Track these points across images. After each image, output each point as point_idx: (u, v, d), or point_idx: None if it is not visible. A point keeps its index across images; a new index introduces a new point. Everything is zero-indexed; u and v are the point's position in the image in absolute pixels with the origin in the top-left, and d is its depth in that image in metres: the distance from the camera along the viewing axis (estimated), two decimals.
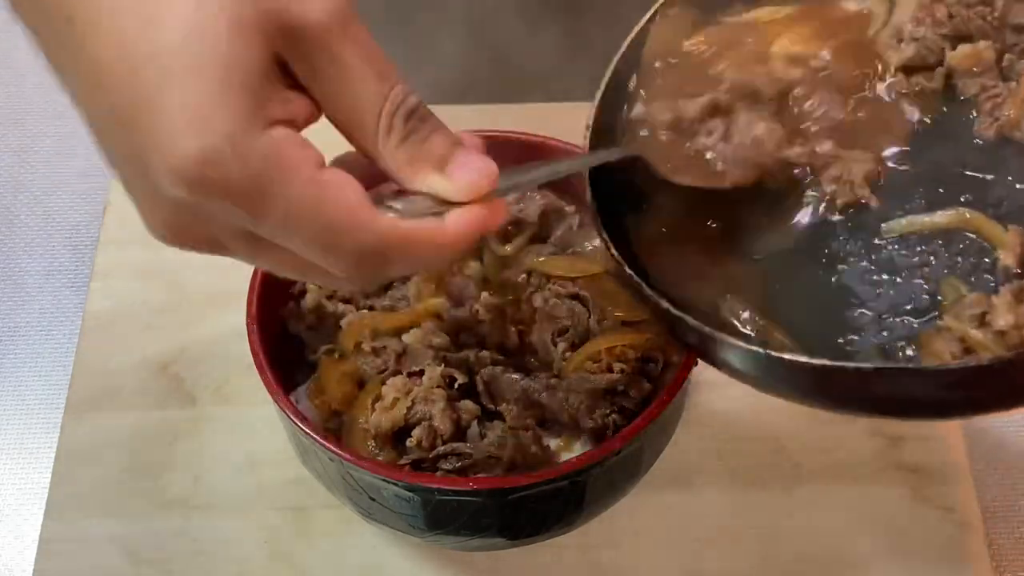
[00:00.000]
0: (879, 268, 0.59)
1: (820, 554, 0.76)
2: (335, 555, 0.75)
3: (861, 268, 0.59)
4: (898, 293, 0.58)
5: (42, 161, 1.01)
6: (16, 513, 0.81)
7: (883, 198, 0.61)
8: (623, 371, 0.67)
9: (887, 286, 0.59)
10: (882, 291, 0.58)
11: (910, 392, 0.53)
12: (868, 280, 0.59)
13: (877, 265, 0.59)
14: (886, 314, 0.58)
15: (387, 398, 0.67)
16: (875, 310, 0.58)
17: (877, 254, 0.60)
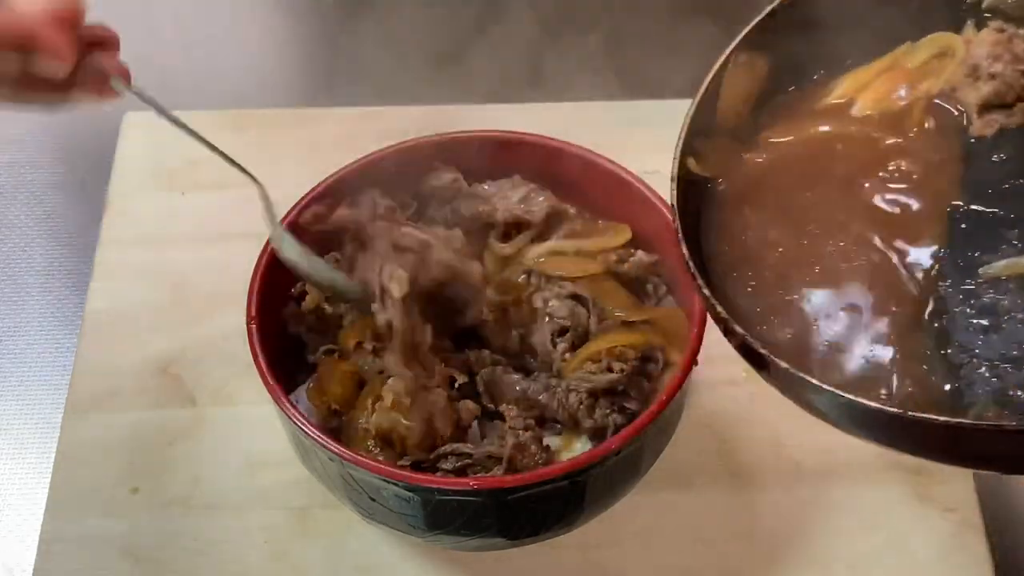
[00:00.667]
0: (980, 314, 0.58)
1: (820, 554, 0.76)
2: (335, 555, 0.75)
3: (961, 314, 0.58)
4: (1005, 339, 0.56)
5: (42, 161, 1.01)
6: (16, 513, 0.81)
7: (976, 241, 0.60)
8: (623, 371, 0.67)
9: (991, 332, 0.57)
10: (986, 337, 0.57)
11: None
12: (971, 326, 0.57)
13: (978, 311, 0.58)
14: (996, 361, 0.56)
15: (387, 398, 0.67)
16: (983, 357, 0.56)
17: (976, 299, 0.58)
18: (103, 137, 1.00)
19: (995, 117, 0.63)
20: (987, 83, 0.63)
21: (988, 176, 0.62)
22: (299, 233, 0.70)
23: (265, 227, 0.70)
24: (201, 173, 0.95)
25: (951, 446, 0.53)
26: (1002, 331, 0.57)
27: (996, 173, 0.62)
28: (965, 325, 0.57)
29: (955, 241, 0.60)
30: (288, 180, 0.77)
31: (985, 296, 0.58)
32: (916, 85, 0.65)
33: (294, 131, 0.98)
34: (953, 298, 0.58)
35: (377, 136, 0.79)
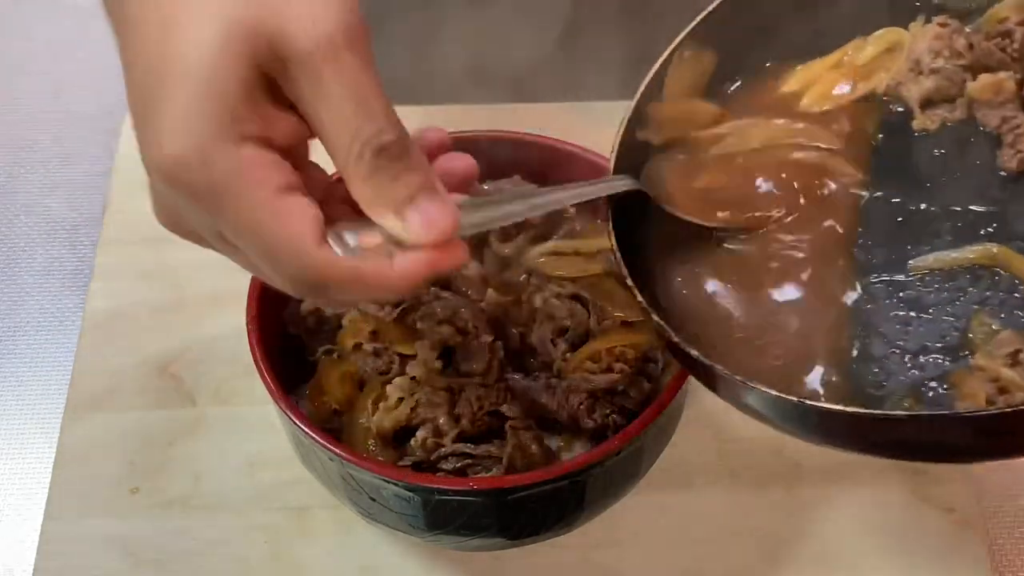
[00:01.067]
0: (907, 306, 0.58)
1: (820, 554, 0.76)
2: (335, 555, 0.75)
3: (887, 306, 0.58)
4: (927, 331, 0.57)
5: (42, 161, 1.01)
6: (16, 513, 0.81)
7: (908, 235, 0.60)
8: (623, 371, 0.67)
9: (916, 324, 0.57)
10: (911, 329, 0.57)
11: (945, 438, 0.52)
12: (896, 319, 0.58)
13: (905, 303, 0.58)
14: (917, 353, 0.57)
15: (391, 398, 0.67)
16: (904, 349, 0.57)
17: (904, 292, 0.59)
18: (103, 137, 1.00)
19: (938, 112, 0.63)
20: (928, 78, 0.63)
21: (926, 170, 0.62)
22: None
23: None
24: None
25: (864, 436, 0.54)
26: (926, 324, 0.57)
27: (935, 167, 0.62)
28: (891, 317, 0.58)
29: (888, 234, 0.61)
30: None
31: (912, 289, 0.59)
32: (863, 81, 0.65)
33: None
34: (881, 290, 0.59)
35: None
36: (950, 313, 0.57)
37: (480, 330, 0.69)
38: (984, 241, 0.59)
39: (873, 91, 0.65)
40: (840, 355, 0.58)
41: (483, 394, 0.68)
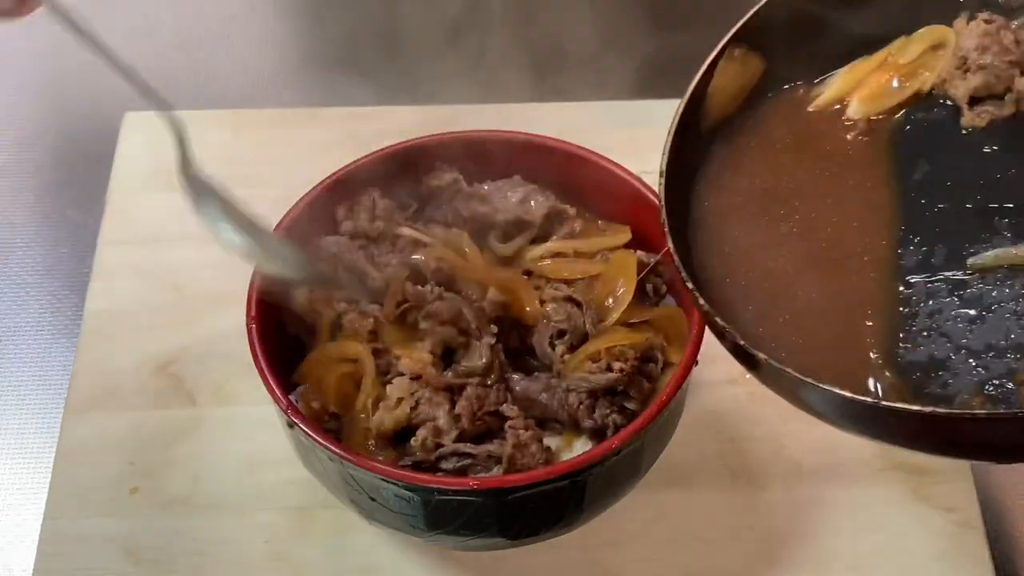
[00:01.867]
0: (968, 305, 0.58)
1: (820, 554, 0.76)
2: (335, 555, 0.75)
3: (947, 304, 0.58)
4: (991, 329, 0.56)
5: (42, 161, 1.01)
6: (16, 513, 0.81)
7: (966, 233, 0.60)
8: (622, 371, 0.67)
9: (979, 322, 0.57)
10: (974, 328, 0.57)
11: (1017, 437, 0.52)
12: (958, 317, 0.57)
13: (966, 302, 0.58)
14: (981, 352, 0.56)
15: (392, 398, 0.67)
16: (969, 348, 0.56)
17: (965, 290, 0.58)
18: (103, 137, 1.00)
19: (986, 109, 0.63)
20: (976, 74, 0.63)
21: (978, 168, 0.62)
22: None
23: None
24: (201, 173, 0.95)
25: (933, 435, 0.53)
26: (988, 322, 0.57)
27: (987, 164, 0.62)
28: (952, 316, 0.57)
29: (945, 233, 0.60)
30: (288, 180, 0.78)
31: (973, 287, 0.58)
32: (909, 80, 0.65)
33: (294, 131, 0.98)
34: (941, 289, 0.59)
35: (377, 136, 0.79)
36: (1014, 311, 0.57)
37: (481, 330, 0.69)
38: None
39: (919, 90, 0.65)
40: (896, 355, 0.57)
41: (483, 394, 0.68)
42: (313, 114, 0.99)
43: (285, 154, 0.96)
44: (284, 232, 0.72)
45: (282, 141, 0.97)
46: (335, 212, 0.75)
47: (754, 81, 0.66)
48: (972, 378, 0.55)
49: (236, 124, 0.98)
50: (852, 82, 0.66)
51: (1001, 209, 0.60)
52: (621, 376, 0.67)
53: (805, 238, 0.62)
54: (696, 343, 0.66)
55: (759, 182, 0.65)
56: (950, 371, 0.56)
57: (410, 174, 0.76)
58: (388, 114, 0.97)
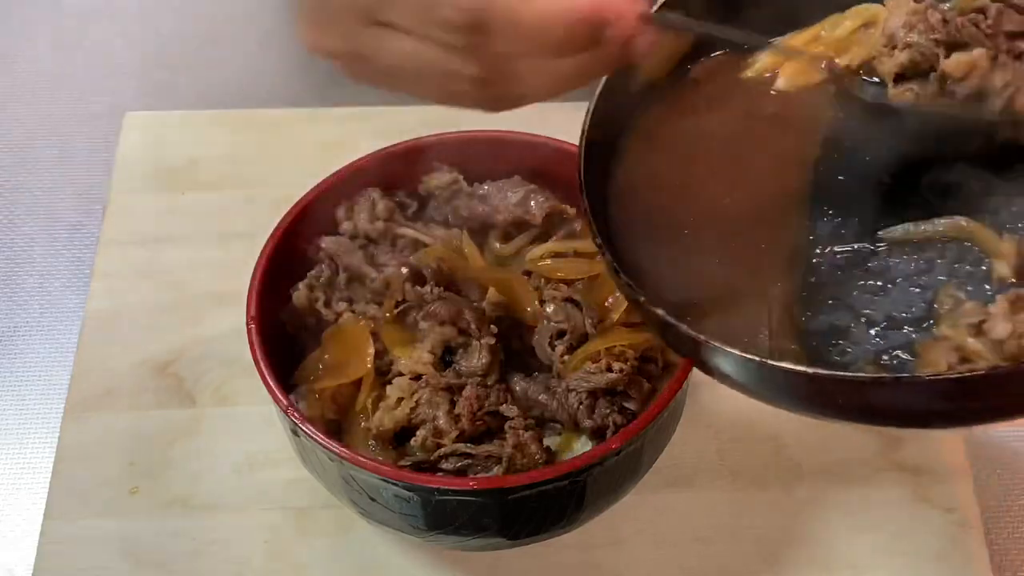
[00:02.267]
0: (874, 277, 0.59)
1: (820, 554, 0.76)
2: (335, 555, 0.75)
3: (854, 275, 0.59)
4: (894, 302, 0.58)
5: (42, 161, 1.01)
6: (16, 513, 0.81)
7: (878, 206, 0.61)
8: (622, 370, 0.67)
9: (883, 294, 0.58)
10: (878, 299, 0.58)
11: (906, 402, 0.53)
12: (863, 288, 0.59)
13: (872, 274, 0.59)
14: (882, 323, 0.57)
15: (391, 398, 0.67)
16: (870, 319, 0.58)
17: (872, 262, 0.59)
18: (103, 137, 1.00)
19: (911, 87, 0.63)
20: (902, 52, 0.63)
21: (897, 145, 0.63)
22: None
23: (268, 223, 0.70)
24: (201, 173, 0.95)
25: (822, 398, 0.55)
26: (891, 294, 0.58)
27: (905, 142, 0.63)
28: (858, 287, 0.58)
29: (858, 206, 0.61)
30: (288, 180, 0.78)
31: (881, 259, 0.59)
32: (839, 56, 0.66)
33: (294, 131, 0.98)
34: (848, 259, 0.60)
35: (377, 136, 0.79)
36: (918, 284, 0.58)
37: (481, 331, 0.69)
38: (953, 214, 0.59)
39: (847, 66, 0.65)
40: (799, 323, 0.58)
41: (483, 394, 0.68)
42: (313, 114, 0.99)
43: (285, 154, 0.96)
44: (284, 233, 0.72)
45: (282, 141, 0.97)
46: (335, 212, 0.75)
47: (684, 48, 0.67)
48: (870, 348, 0.57)
49: (236, 124, 0.98)
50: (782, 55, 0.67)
51: (914, 185, 0.61)
52: (621, 376, 0.67)
53: (722, 202, 0.63)
54: None
55: (681, 146, 0.66)
56: (850, 340, 0.57)
57: (410, 174, 0.76)
58: (388, 114, 0.97)
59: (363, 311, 0.72)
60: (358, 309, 0.72)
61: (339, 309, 0.72)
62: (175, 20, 1.13)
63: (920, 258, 0.59)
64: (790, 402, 0.57)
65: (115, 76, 1.07)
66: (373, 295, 0.72)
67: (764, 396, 0.57)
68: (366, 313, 0.71)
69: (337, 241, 0.74)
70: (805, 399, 0.56)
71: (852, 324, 0.58)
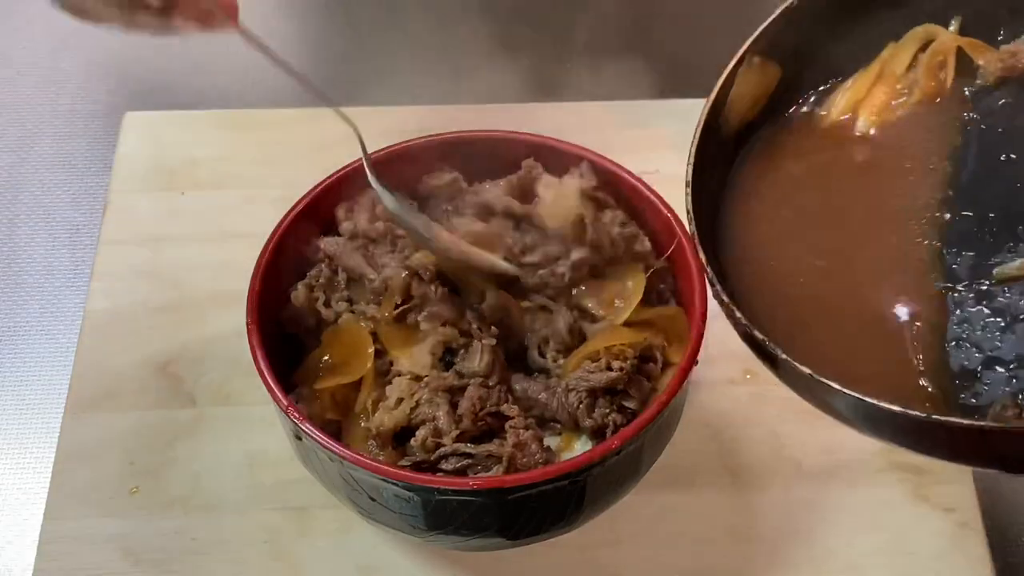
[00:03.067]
0: (996, 314, 0.57)
1: (820, 554, 0.76)
2: (335, 555, 0.75)
3: (975, 315, 0.58)
4: (1020, 340, 0.56)
5: (42, 161, 1.01)
6: (16, 513, 0.81)
7: (991, 242, 0.59)
8: (622, 369, 0.67)
9: (1009, 332, 0.56)
10: (1004, 338, 0.56)
11: None
12: (987, 326, 0.57)
13: (994, 312, 0.57)
14: (1012, 362, 0.56)
15: (391, 398, 0.67)
16: (1000, 359, 0.56)
17: (991, 300, 0.58)
18: (103, 137, 1.00)
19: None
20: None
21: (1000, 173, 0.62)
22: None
23: (268, 223, 0.70)
24: (201, 173, 0.95)
25: (973, 448, 0.53)
26: (1018, 332, 0.56)
27: (1007, 170, 0.62)
28: (981, 326, 0.57)
29: (970, 242, 0.60)
30: (288, 180, 0.78)
31: (1001, 296, 0.58)
32: (910, 89, 0.65)
33: (294, 131, 0.98)
34: (968, 299, 0.58)
35: (377, 136, 0.79)
36: None
37: (483, 332, 0.69)
38: None
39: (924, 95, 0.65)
40: (931, 365, 0.57)
41: (484, 395, 0.68)
42: (313, 114, 0.99)
43: (285, 154, 0.96)
44: (284, 233, 0.72)
45: (282, 141, 0.97)
46: (335, 212, 0.75)
47: (771, 88, 0.66)
48: (1005, 388, 0.55)
49: (236, 124, 0.98)
50: (856, 97, 0.67)
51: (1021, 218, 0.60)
52: (620, 375, 0.67)
53: (831, 249, 0.62)
54: (696, 343, 0.66)
55: (781, 190, 0.65)
56: (981, 381, 0.56)
57: (410, 174, 0.76)
58: (388, 114, 0.97)
59: (363, 311, 0.71)
60: (358, 309, 0.72)
61: (339, 309, 0.72)
62: None
63: None
64: (939, 452, 0.55)
65: (115, 76, 1.07)
66: (373, 295, 0.72)
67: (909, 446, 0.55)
68: (366, 313, 0.71)
69: (336, 242, 0.74)
70: (958, 450, 0.54)
71: (981, 365, 0.56)
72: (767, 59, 0.65)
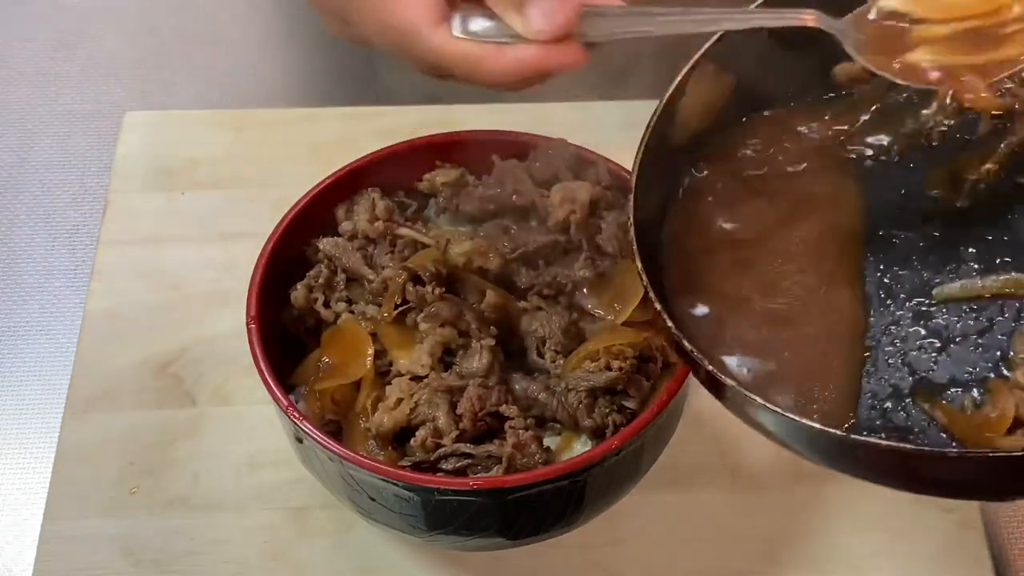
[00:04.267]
0: (933, 335, 0.57)
1: (820, 554, 0.76)
2: (335, 555, 0.75)
3: (912, 335, 0.57)
4: (955, 362, 0.56)
5: (42, 161, 1.01)
6: (16, 513, 0.81)
7: (933, 263, 0.59)
8: (621, 369, 0.67)
9: (943, 354, 0.56)
10: (939, 360, 0.56)
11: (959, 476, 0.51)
12: (922, 348, 0.57)
13: (931, 333, 0.57)
14: (946, 385, 0.55)
15: (391, 398, 0.67)
16: (932, 381, 0.56)
17: (929, 321, 0.57)
18: (103, 137, 1.00)
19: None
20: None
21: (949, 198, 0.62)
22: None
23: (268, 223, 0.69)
24: (201, 173, 0.95)
25: (900, 471, 0.52)
26: (953, 354, 0.56)
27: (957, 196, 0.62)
28: (917, 346, 0.57)
29: (912, 262, 0.60)
30: (288, 180, 0.78)
31: (939, 318, 0.57)
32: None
33: (294, 131, 0.98)
34: (906, 319, 0.58)
35: (377, 136, 0.79)
36: (977, 344, 0.56)
37: (482, 332, 0.69)
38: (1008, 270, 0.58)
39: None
40: (859, 385, 0.57)
41: (483, 395, 0.67)
42: (313, 114, 0.99)
43: (285, 154, 0.96)
44: (284, 233, 0.72)
45: (282, 141, 0.97)
46: (335, 212, 0.75)
47: (724, 99, 0.66)
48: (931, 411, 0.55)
49: (236, 124, 0.98)
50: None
51: (967, 239, 0.59)
52: (620, 375, 0.67)
53: (771, 263, 0.62)
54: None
55: (728, 202, 0.65)
56: (911, 403, 0.55)
57: (410, 174, 0.76)
58: (388, 114, 0.97)
59: (362, 312, 0.71)
60: (357, 310, 0.72)
61: (338, 310, 0.72)
62: (175, 20, 1.13)
63: (980, 316, 0.57)
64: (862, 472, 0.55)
65: (115, 76, 1.07)
66: (372, 296, 0.72)
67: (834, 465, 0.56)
68: (365, 314, 0.71)
69: (335, 242, 0.74)
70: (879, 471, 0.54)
71: (913, 387, 0.56)
72: (721, 70, 0.64)
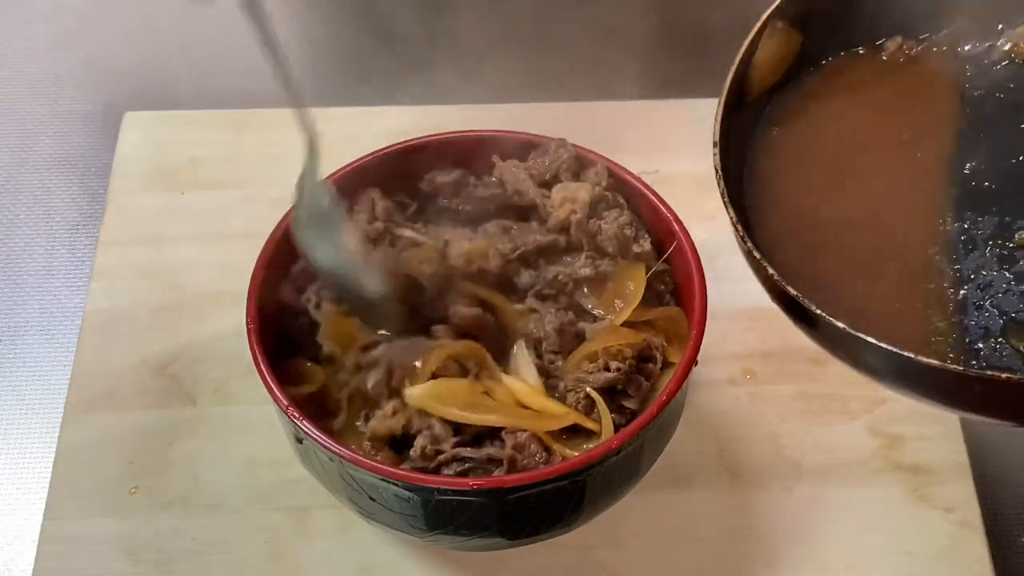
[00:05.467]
0: (1019, 279, 0.57)
1: (820, 554, 0.76)
2: (335, 555, 0.75)
3: (996, 278, 0.58)
4: None
5: (42, 161, 1.01)
6: (16, 513, 0.81)
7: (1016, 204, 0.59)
8: (620, 369, 0.67)
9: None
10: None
11: None
12: (1009, 291, 0.57)
13: (1016, 276, 0.57)
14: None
15: (386, 409, 0.67)
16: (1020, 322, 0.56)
17: (1013, 264, 0.58)
18: (103, 137, 1.00)
19: None
20: None
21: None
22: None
23: (268, 223, 0.69)
24: (201, 173, 0.95)
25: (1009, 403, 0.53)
26: None
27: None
28: (1003, 289, 0.57)
29: (995, 203, 0.60)
30: (288, 180, 0.77)
31: (1022, 260, 0.58)
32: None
33: (294, 131, 0.97)
34: (990, 262, 0.58)
35: (377, 136, 0.79)
36: None
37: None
38: None
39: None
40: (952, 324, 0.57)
41: None
42: (313, 114, 0.99)
43: (285, 154, 0.95)
44: (284, 233, 0.72)
45: (282, 141, 0.96)
46: None
47: (793, 55, 0.67)
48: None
49: (236, 124, 0.98)
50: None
51: None
52: (619, 375, 0.67)
53: (859, 204, 0.62)
54: (696, 343, 0.66)
55: (804, 150, 0.65)
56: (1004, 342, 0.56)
57: (410, 174, 0.76)
58: (388, 114, 0.98)
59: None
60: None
61: (326, 309, 0.72)
62: (175, 20, 1.13)
63: None
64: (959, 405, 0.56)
65: (115, 76, 1.07)
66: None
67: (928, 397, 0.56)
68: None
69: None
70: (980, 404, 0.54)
71: (1005, 327, 0.56)
72: (790, 26, 0.65)
